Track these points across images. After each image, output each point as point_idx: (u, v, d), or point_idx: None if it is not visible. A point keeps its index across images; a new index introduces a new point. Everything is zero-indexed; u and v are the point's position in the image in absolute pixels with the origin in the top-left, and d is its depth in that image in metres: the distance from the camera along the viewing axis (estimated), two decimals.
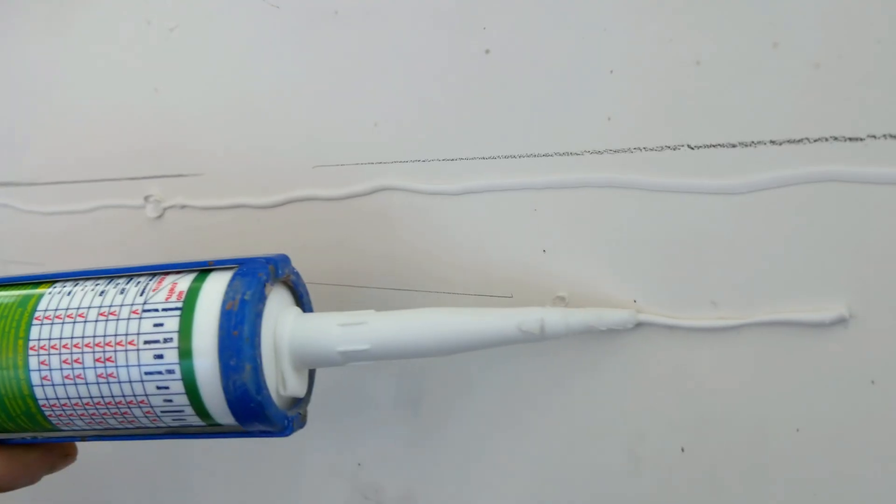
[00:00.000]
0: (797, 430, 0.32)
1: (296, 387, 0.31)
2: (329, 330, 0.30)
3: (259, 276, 0.29)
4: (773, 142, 0.31)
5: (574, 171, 0.35)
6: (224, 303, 0.28)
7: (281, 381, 0.30)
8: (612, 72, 0.34)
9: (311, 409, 0.44)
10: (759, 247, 0.32)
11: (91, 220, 0.50)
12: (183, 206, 0.47)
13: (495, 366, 0.38)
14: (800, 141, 0.31)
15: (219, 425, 0.30)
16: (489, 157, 0.37)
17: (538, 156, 0.36)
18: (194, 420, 0.29)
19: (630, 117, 0.34)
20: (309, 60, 0.42)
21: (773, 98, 0.31)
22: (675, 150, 0.33)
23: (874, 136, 0.30)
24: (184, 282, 0.29)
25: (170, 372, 0.28)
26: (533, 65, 0.36)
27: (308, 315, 0.32)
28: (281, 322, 0.30)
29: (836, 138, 0.30)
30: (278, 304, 0.31)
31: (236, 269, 0.30)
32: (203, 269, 0.30)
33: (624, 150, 0.34)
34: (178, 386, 0.28)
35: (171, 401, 0.28)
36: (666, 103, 0.33)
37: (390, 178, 0.40)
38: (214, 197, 0.45)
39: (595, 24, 0.34)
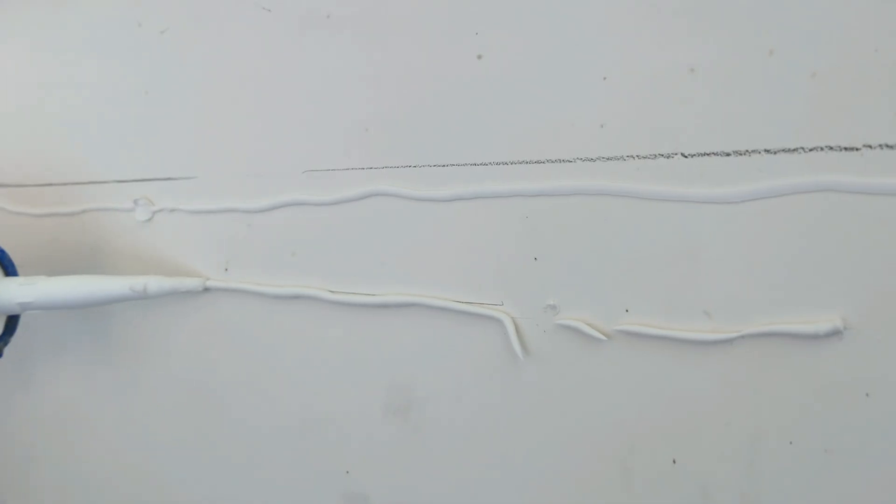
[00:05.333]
0: (791, 443, 0.32)
1: None
2: (11, 288, 0.45)
3: None
4: (767, 151, 0.31)
5: (566, 178, 0.35)
6: None
7: None
8: (605, 78, 0.34)
9: (303, 416, 0.43)
10: (753, 257, 0.32)
11: (80, 223, 0.49)
12: (172, 210, 0.46)
13: (485, 378, 0.38)
14: (795, 150, 0.31)
15: None
16: (480, 164, 0.37)
17: (530, 162, 0.36)
18: None
19: (623, 124, 0.34)
20: (300, 64, 0.41)
21: (769, 106, 0.31)
22: (668, 158, 0.33)
23: (870, 146, 0.29)
24: None
25: None
26: (525, 70, 0.36)
27: (2, 279, 0.46)
28: None
29: (831, 148, 0.30)
30: None
31: None
32: None
33: (617, 158, 0.34)
34: None
35: None
36: (659, 111, 0.33)
37: (381, 183, 0.39)
38: (204, 201, 0.45)
39: (588, 30, 0.34)
